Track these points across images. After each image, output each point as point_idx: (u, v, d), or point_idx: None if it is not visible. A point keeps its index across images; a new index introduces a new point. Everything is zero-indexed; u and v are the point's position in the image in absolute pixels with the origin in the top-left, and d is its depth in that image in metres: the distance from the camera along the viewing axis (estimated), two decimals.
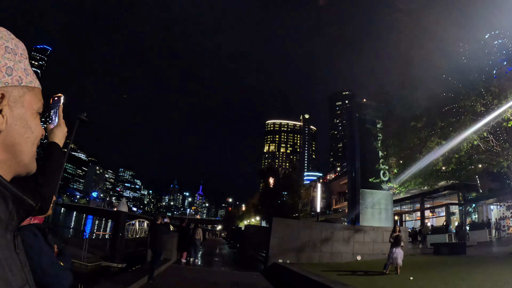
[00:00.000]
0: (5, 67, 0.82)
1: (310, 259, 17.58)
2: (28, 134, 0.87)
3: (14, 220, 0.81)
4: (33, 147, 0.90)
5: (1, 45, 0.83)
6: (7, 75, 0.82)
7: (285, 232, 17.91)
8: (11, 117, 0.83)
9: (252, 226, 50.40)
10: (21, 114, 0.85)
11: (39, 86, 0.94)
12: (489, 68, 13.75)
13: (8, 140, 0.82)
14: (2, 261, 0.70)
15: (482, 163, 15.62)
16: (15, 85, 0.84)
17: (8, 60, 0.84)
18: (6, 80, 0.82)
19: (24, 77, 0.87)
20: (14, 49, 0.87)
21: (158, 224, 12.18)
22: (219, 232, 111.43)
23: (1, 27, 0.88)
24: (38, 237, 2.16)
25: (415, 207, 40.55)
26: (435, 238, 24.85)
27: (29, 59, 0.94)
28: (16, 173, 0.87)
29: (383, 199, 25.04)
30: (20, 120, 0.85)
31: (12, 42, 0.87)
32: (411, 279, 11.33)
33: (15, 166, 0.85)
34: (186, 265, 17.51)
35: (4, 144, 0.82)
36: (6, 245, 0.74)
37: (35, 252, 2.07)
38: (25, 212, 0.84)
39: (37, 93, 0.92)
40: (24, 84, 0.87)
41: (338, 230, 19.23)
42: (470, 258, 16.83)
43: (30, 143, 0.88)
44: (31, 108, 0.89)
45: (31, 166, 0.90)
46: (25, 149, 0.87)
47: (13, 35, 0.90)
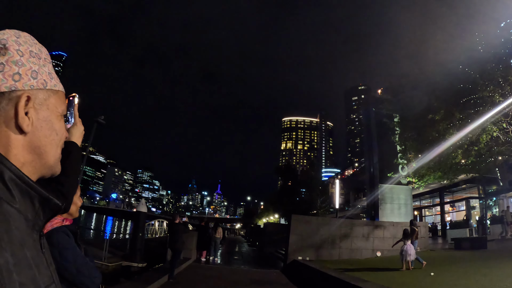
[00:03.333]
0: (30, 71, 0.84)
1: (329, 255, 17.47)
2: (53, 136, 0.89)
3: (41, 219, 0.83)
4: (58, 149, 0.92)
5: (25, 49, 0.86)
6: (33, 79, 0.84)
7: (304, 229, 17.86)
8: (37, 119, 0.85)
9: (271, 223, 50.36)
10: (46, 116, 0.87)
11: (62, 90, 0.96)
12: (506, 57, 13.46)
13: (34, 142, 0.84)
14: (29, 260, 0.72)
15: (502, 155, 15.34)
16: (40, 88, 0.86)
17: (33, 64, 0.86)
18: (31, 83, 0.84)
19: (48, 80, 0.89)
20: (38, 54, 0.89)
21: (177, 223, 12.28)
22: (238, 230, 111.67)
23: (25, 32, 0.90)
24: (70, 238, 2.21)
25: (434, 202, 39.95)
26: (455, 233, 24.46)
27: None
28: (42, 174, 0.89)
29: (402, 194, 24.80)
30: (46, 122, 0.87)
31: (36, 46, 0.90)
32: (432, 275, 11.18)
33: (41, 168, 0.87)
34: (206, 264, 17.56)
35: (30, 146, 0.83)
36: (33, 244, 0.76)
37: (69, 253, 2.12)
38: (51, 212, 0.86)
39: (61, 96, 0.95)
40: (48, 87, 0.89)
41: (357, 226, 19.06)
42: (491, 253, 16.49)
43: (55, 145, 0.90)
44: (55, 110, 0.91)
45: (56, 167, 0.92)
46: (50, 151, 0.88)
47: (36, 40, 0.92)
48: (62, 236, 2.15)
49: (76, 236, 2.32)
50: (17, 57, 0.83)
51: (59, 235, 2.12)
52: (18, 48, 0.84)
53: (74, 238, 2.27)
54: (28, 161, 0.84)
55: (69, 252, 2.12)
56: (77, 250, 2.22)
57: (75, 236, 2.30)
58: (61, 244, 2.09)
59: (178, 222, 12.44)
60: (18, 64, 0.82)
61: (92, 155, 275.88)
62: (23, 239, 0.73)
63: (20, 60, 0.83)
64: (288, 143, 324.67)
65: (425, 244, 20.17)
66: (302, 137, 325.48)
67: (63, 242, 2.13)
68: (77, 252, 2.19)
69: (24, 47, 0.86)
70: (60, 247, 2.07)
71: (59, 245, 2.06)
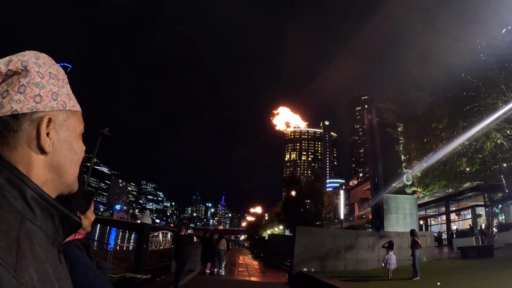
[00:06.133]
0: (50, 93, 0.86)
1: (335, 267, 17.34)
2: (73, 156, 0.91)
3: (60, 236, 0.85)
4: (76, 168, 0.94)
5: (45, 71, 0.87)
6: (53, 100, 0.86)
7: (309, 240, 17.75)
8: (57, 140, 0.87)
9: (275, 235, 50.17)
10: (66, 137, 0.89)
11: (80, 110, 0.98)
12: (509, 63, 13.46)
13: (54, 162, 0.86)
14: (51, 276, 0.73)
15: (507, 162, 15.27)
16: (60, 109, 0.88)
17: (53, 86, 0.88)
18: (52, 105, 0.86)
19: (67, 101, 0.91)
20: (56, 75, 0.91)
21: (182, 235, 12.26)
22: (242, 242, 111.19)
23: (43, 53, 0.92)
24: (83, 251, 2.24)
25: (440, 211, 39.75)
26: (461, 242, 24.25)
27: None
28: (60, 192, 0.91)
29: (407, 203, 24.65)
30: (65, 143, 0.89)
31: (54, 67, 0.91)
32: (438, 284, 11.08)
33: (60, 186, 0.89)
34: (211, 276, 17.46)
35: (50, 165, 0.86)
36: (53, 260, 0.78)
37: (81, 266, 2.14)
38: (70, 229, 0.88)
39: (78, 116, 0.96)
40: (68, 108, 0.91)
41: (363, 236, 18.95)
42: (498, 261, 16.35)
43: (74, 164, 0.92)
44: (74, 131, 0.93)
45: (74, 185, 0.94)
46: (70, 170, 0.90)
47: (54, 61, 0.93)
48: (75, 250, 2.18)
49: (88, 249, 2.34)
50: (38, 79, 0.85)
51: (72, 249, 2.14)
52: (38, 70, 0.86)
53: (86, 251, 2.29)
54: (49, 180, 0.86)
55: (81, 266, 2.14)
56: (89, 263, 2.24)
57: (87, 249, 2.32)
58: (73, 257, 2.11)
59: (184, 234, 12.42)
60: (39, 86, 0.84)
61: (97, 166, 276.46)
62: (45, 256, 0.74)
63: (41, 82, 0.85)
64: (292, 154, 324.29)
65: (431, 253, 20.02)
66: (306, 148, 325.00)
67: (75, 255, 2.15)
68: (88, 265, 2.21)
69: (44, 68, 0.88)
70: (72, 260, 2.08)
71: (71, 258, 2.08)
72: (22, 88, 0.82)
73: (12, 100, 0.81)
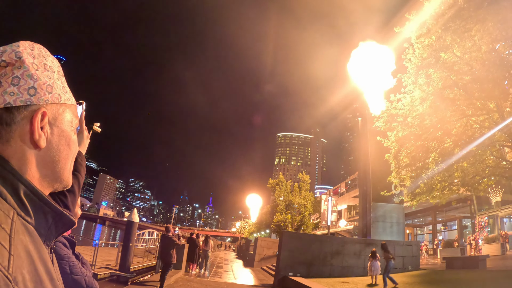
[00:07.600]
0: (45, 85, 0.83)
1: (320, 273, 17.32)
2: (67, 150, 0.89)
3: (53, 234, 0.82)
4: (71, 164, 0.91)
5: (40, 62, 0.84)
6: (48, 93, 0.83)
7: (295, 246, 17.72)
8: (52, 134, 0.84)
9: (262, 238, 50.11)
10: (60, 131, 0.86)
11: (75, 103, 0.95)
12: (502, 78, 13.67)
13: (49, 157, 0.84)
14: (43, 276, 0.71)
15: (494, 176, 15.51)
16: (55, 102, 0.85)
17: (48, 78, 0.85)
18: (46, 98, 0.83)
19: (62, 94, 0.88)
20: (52, 67, 0.88)
21: (169, 236, 12.18)
22: (229, 244, 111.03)
23: (38, 44, 0.89)
24: (68, 248, 2.21)
25: (427, 221, 40.08)
26: (447, 252, 24.46)
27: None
28: (54, 188, 0.88)
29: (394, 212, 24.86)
30: (60, 138, 0.86)
31: (49, 59, 0.88)
32: None
33: (54, 182, 0.87)
34: (196, 277, 17.40)
35: (44, 161, 0.83)
36: (46, 259, 0.75)
37: (66, 263, 2.12)
38: (64, 227, 0.86)
39: (73, 110, 0.93)
40: (62, 102, 0.88)
41: (349, 243, 19.01)
42: (483, 272, 16.54)
43: (69, 159, 0.90)
44: (69, 125, 0.90)
45: (68, 181, 0.91)
46: (64, 165, 0.88)
47: (49, 52, 0.90)
48: (60, 247, 2.15)
49: (74, 246, 2.31)
50: (33, 71, 0.82)
51: (57, 245, 2.11)
52: (33, 62, 0.83)
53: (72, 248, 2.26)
54: (42, 176, 0.83)
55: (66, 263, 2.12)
56: (74, 261, 2.21)
57: (73, 246, 2.29)
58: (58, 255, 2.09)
59: (171, 235, 12.34)
60: (33, 78, 0.81)
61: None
62: (37, 255, 0.72)
63: (35, 74, 0.82)
64: (281, 158, 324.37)
65: (416, 263, 20.13)
66: (296, 153, 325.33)
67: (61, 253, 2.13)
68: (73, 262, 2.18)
69: (39, 59, 0.85)
70: (57, 257, 2.05)
71: (56, 255, 2.04)
72: (16, 80, 0.80)
73: (5, 93, 0.78)
